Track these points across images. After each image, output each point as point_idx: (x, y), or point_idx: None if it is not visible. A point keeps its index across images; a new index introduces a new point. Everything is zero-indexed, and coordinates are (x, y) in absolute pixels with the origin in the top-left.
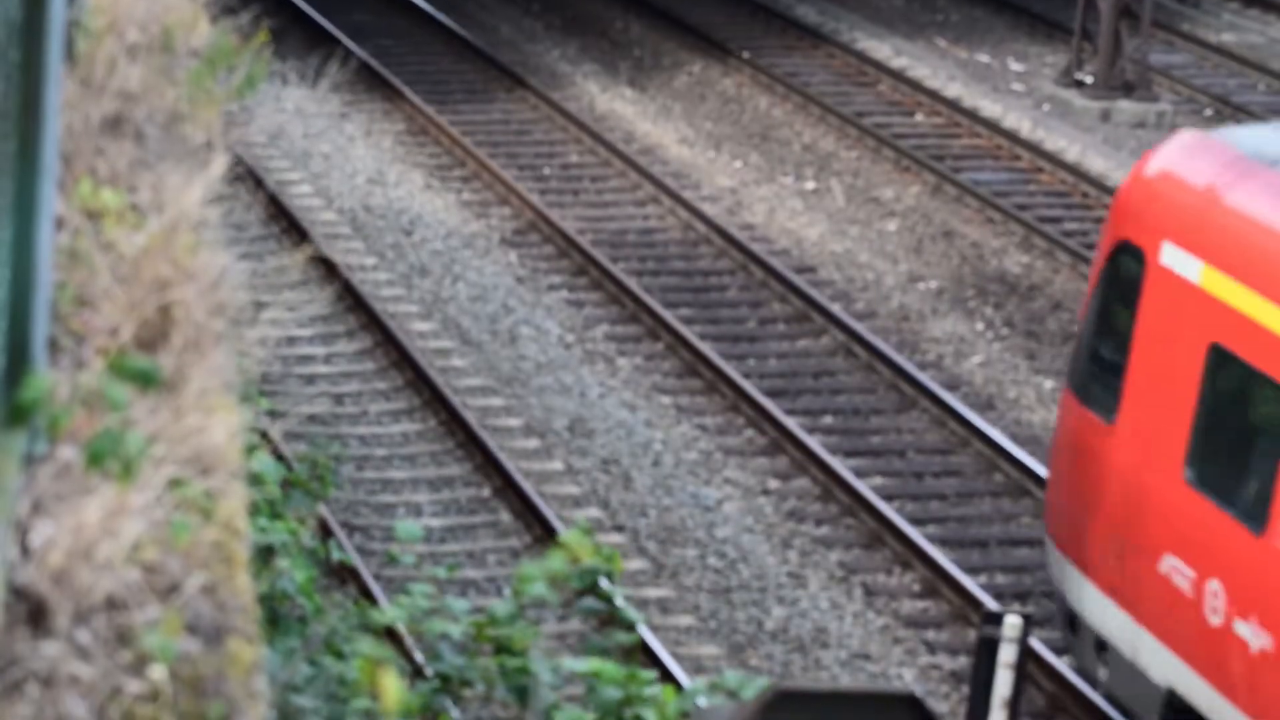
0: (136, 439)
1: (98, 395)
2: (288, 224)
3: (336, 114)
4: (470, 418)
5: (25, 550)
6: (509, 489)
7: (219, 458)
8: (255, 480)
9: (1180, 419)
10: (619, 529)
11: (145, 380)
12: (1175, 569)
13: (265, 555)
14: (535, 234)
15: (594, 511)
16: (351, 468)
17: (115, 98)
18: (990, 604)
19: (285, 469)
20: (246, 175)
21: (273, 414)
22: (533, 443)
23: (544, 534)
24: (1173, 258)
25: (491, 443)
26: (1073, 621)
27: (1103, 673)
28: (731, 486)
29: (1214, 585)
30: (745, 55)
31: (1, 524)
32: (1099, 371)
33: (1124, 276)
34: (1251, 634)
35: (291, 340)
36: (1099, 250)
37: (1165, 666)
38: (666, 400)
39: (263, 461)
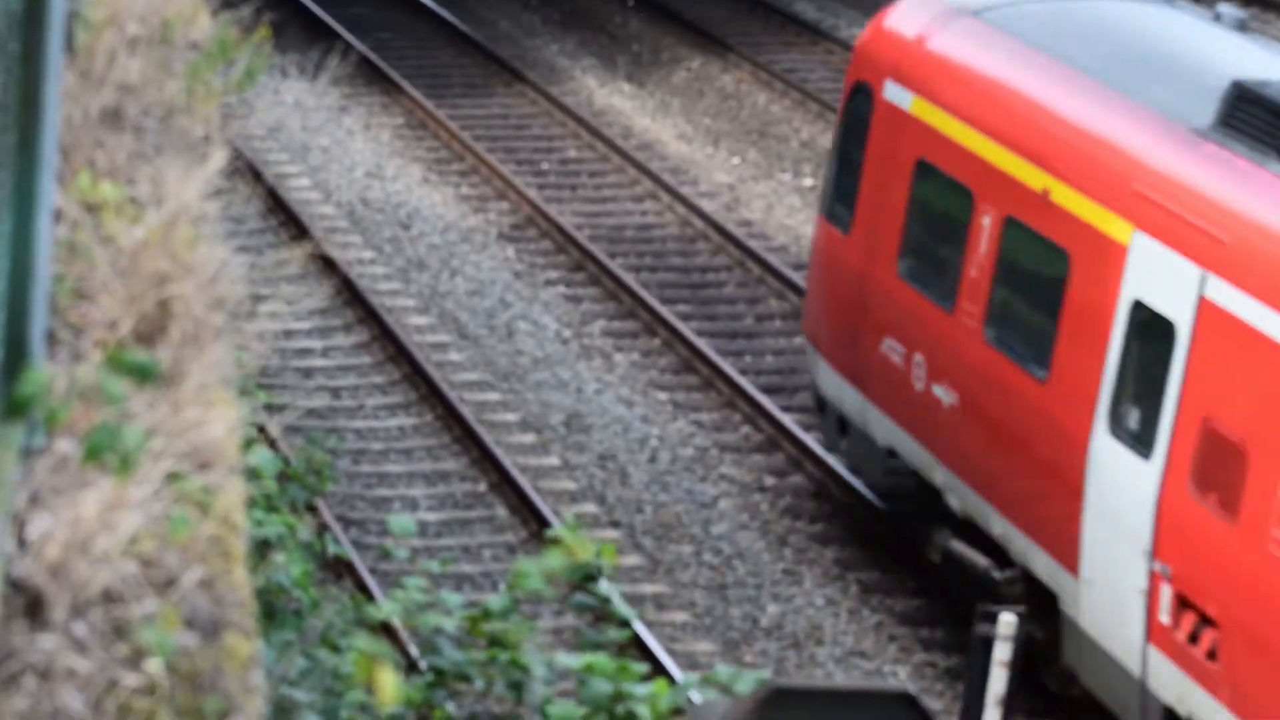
0: (134, 433)
1: (95, 388)
2: (286, 217)
3: (335, 107)
4: (467, 412)
5: (23, 543)
6: (505, 484)
7: (217, 452)
8: (252, 474)
9: (895, 223)
10: (615, 524)
11: (143, 374)
12: (892, 348)
13: (261, 549)
14: (533, 229)
15: (590, 507)
16: (348, 461)
17: (114, 90)
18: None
19: (282, 462)
20: (245, 168)
21: (270, 408)
22: (529, 438)
23: (540, 529)
24: (892, 92)
25: (488, 437)
26: (822, 406)
27: (844, 445)
28: (727, 483)
29: (918, 357)
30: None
31: None
32: (840, 193)
33: (858, 112)
34: (944, 394)
35: (289, 333)
36: (842, 95)
37: (885, 430)
38: (663, 396)
39: (260, 455)
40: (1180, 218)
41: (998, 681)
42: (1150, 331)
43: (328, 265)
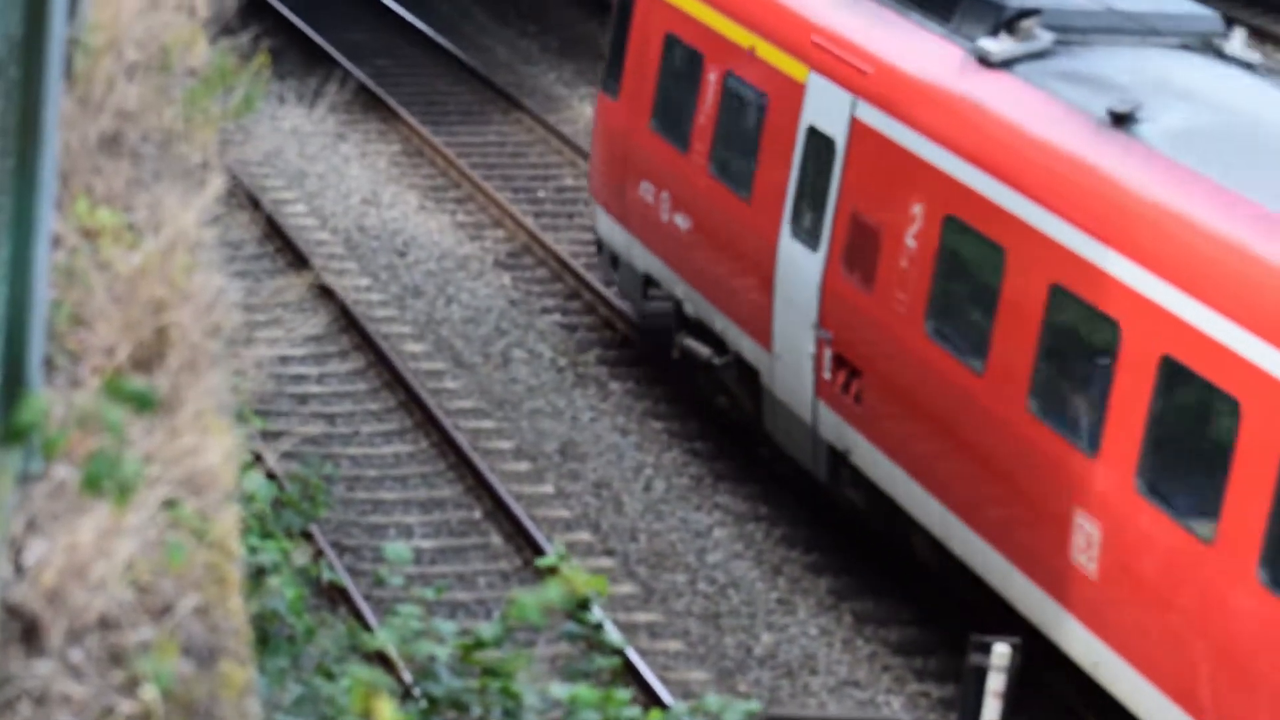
0: (133, 463)
1: (93, 415)
2: (283, 244)
3: (333, 134)
4: (462, 440)
5: (19, 568)
6: (500, 511)
7: (213, 479)
8: (247, 499)
9: (649, 87)
10: (609, 553)
11: (141, 403)
12: (647, 189)
13: (256, 575)
14: (529, 256)
15: (585, 535)
16: (343, 488)
17: (113, 116)
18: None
19: (277, 488)
20: (242, 195)
21: (266, 434)
22: (524, 465)
23: (535, 557)
24: None
25: (483, 465)
26: (600, 248)
27: (616, 278)
28: (722, 512)
29: (664, 194)
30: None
31: None
32: (612, 69)
33: (626, 2)
34: (681, 221)
35: (284, 359)
36: None
37: (643, 259)
38: (658, 425)
39: (254, 481)
40: (840, 58)
41: (991, 711)
42: (818, 150)
43: (324, 292)
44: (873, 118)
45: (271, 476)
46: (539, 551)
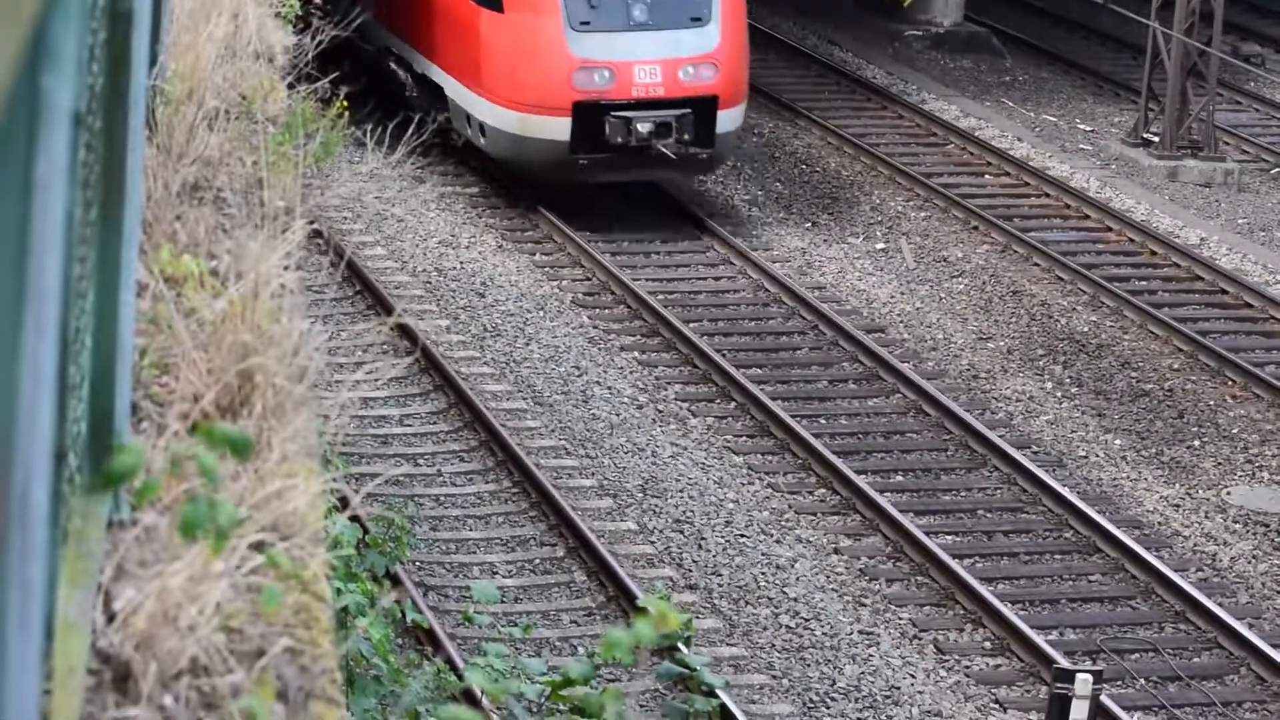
0: (229, 509)
1: (186, 460)
2: (363, 286)
3: (411, 177)
4: (544, 478)
5: (110, 615)
6: (583, 548)
7: (300, 522)
8: (332, 543)
9: None
10: (692, 588)
11: (236, 449)
12: None
13: (341, 617)
14: (607, 295)
15: (667, 571)
16: (426, 528)
17: (195, 164)
18: (1061, 661)
19: (361, 531)
20: (324, 239)
21: (350, 476)
22: (606, 502)
23: (618, 593)
24: None
25: (565, 503)
26: None
27: None
28: (803, 545)
29: None
30: None
31: (86, 588)
32: None
33: None
34: None
35: (366, 401)
36: None
37: None
38: (738, 460)
39: (340, 523)
40: None
41: None
42: None
43: (405, 334)
44: None
45: (356, 519)
46: (622, 588)
